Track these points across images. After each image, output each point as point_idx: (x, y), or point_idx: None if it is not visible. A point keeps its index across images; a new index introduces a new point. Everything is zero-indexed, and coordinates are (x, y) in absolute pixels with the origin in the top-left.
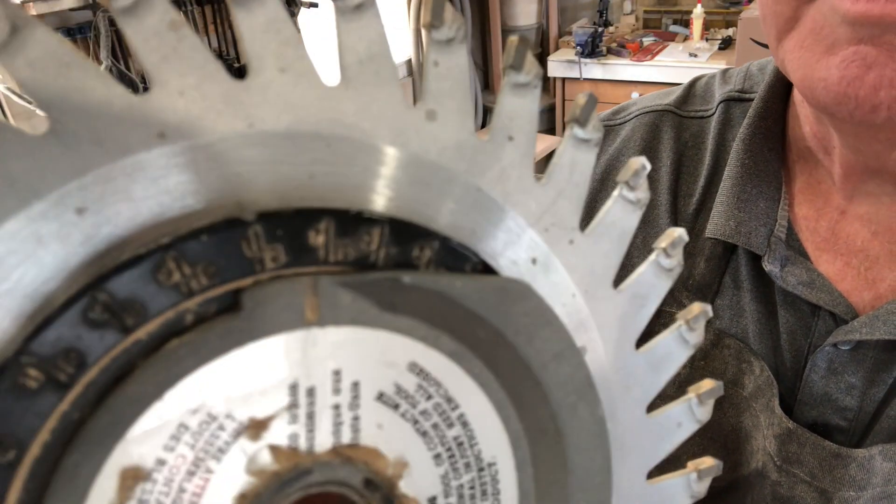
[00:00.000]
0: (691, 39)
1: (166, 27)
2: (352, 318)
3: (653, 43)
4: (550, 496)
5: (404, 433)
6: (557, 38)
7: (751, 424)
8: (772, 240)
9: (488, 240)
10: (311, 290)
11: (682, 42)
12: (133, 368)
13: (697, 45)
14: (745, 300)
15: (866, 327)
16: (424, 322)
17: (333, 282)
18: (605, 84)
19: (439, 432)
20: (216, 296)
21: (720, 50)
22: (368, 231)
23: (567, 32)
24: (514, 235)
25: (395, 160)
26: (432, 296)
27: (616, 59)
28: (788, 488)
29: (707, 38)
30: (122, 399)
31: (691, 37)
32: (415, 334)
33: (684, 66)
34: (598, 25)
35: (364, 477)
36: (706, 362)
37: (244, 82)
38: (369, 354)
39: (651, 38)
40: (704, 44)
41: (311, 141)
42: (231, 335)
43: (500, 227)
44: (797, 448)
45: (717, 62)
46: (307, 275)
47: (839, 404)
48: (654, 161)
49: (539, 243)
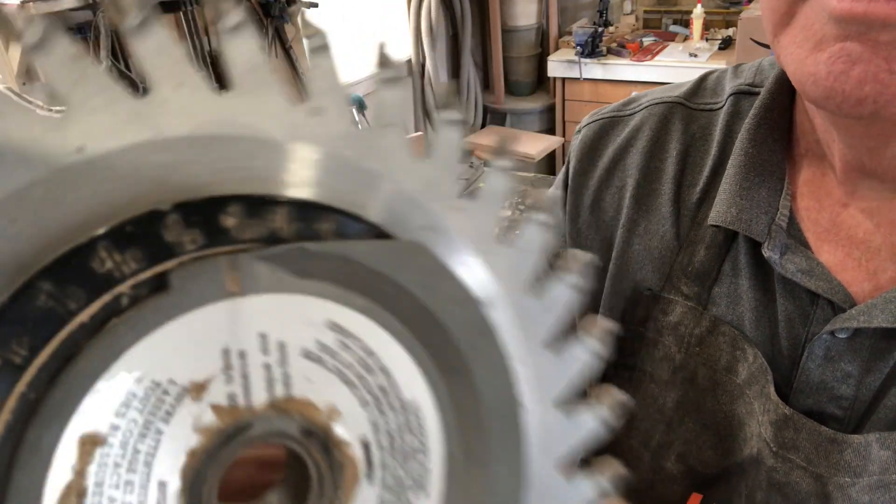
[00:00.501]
0: (691, 39)
1: (70, 59)
2: (269, 287)
3: (653, 43)
4: (469, 426)
5: (332, 384)
6: (557, 38)
7: (744, 411)
8: (773, 228)
9: (381, 212)
10: (230, 265)
11: (682, 42)
12: (80, 348)
13: (697, 45)
14: (742, 288)
15: (864, 315)
16: (335, 284)
17: (250, 257)
18: (605, 84)
19: (363, 381)
20: (147, 278)
21: (720, 50)
22: (273, 211)
23: (567, 32)
24: (403, 206)
25: (290, 151)
26: (339, 260)
27: (616, 59)
28: (784, 474)
29: (707, 38)
30: (73, 375)
31: (691, 37)
32: (328, 295)
33: (684, 66)
34: (598, 25)
35: (301, 426)
36: (701, 349)
37: (147, 98)
38: (290, 317)
39: (651, 38)
40: (704, 44)
41: (212, 142)
42: (163, 310)
43: (389, 200)
44: (793, 434)
45: (716, 62)
46: (225, 253)
47: (835, 393)
48: (661, 152)
49: (427, 212)
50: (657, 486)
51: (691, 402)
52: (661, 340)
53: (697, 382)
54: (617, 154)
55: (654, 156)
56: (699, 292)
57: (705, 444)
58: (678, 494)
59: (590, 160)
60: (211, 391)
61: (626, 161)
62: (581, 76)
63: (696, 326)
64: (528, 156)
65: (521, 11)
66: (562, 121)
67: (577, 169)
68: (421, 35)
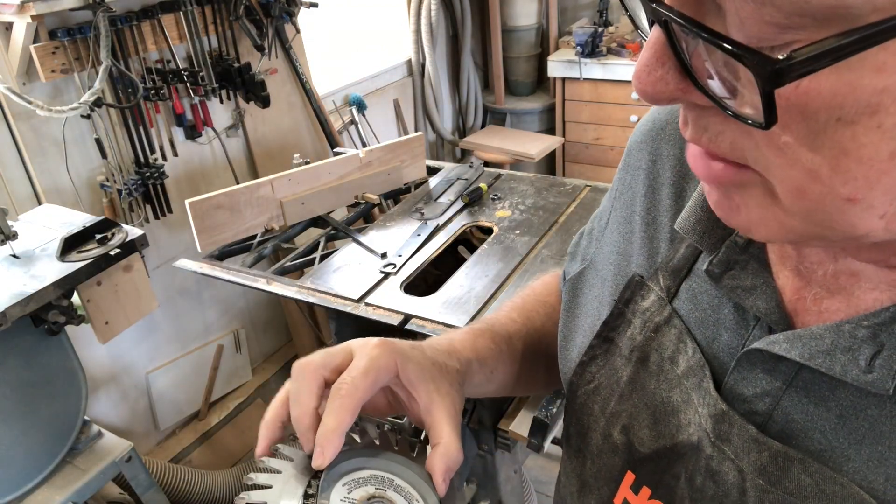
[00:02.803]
0: None
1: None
2: None
3: None
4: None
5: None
6: (557, 38)
7: (680, 400)
8: (726, 243)
9: None
10: None
11: None
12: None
13: None
14: (701, 289)
15: (787, 343)
16: None
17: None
18: (605, 84)
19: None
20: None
21: None
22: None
23: (567, 32)
24: None
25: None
26: None
27: (616, 59)
28: (718, 463)
29: None
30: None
31: None
32: None
33: None
34: (598, 25)
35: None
36: (656, 336)
37: None
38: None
39: None
40: None
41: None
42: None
43: None
44: (727, 428)
45: None
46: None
47: (751, 407)
48: (683, 141)
49: None
50: (604, 455)
51: (640, 381)
52: (633, 321)
53: (647, 365)
54: (656, 133)
55: (675, 145)
56: (670, 286)
57: (644, 423)
58: (617, 468)
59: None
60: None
61: (659, 141)
62: (581, 76)
63: (658, 315)
64: (528, 156)
65: (521, 11)
66: (562, 121)
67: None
68: (421, 35)
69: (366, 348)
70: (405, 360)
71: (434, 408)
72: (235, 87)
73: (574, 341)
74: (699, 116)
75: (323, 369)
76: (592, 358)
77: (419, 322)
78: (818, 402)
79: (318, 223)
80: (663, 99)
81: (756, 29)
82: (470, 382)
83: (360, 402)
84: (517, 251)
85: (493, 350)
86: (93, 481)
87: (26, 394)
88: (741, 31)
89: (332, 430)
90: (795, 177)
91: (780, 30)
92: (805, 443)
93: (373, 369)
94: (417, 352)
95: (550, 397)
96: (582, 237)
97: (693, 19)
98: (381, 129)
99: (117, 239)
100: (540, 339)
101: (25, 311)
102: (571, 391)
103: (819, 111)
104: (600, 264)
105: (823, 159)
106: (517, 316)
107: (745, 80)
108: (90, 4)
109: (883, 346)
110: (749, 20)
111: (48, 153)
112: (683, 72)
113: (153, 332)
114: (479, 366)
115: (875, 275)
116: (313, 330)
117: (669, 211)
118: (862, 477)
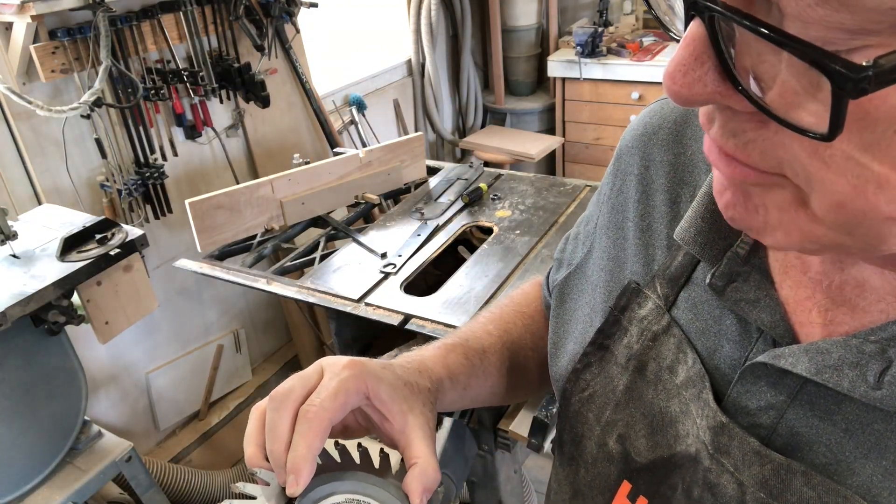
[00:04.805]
0: None
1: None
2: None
3: (653, 43)
4: None
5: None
6: (557, 38)
7: (678, 410)
8: (727, 255)
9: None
10: None
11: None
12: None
13: None
14: (702, 298)
15: (793, 357)
16: None
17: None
18: (605, 84)
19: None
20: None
21: None
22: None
23: (567, 32)
24: None
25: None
26: None
27: (616, 59)
28: (716, 475)
29: None
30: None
31: None
32: None
33: None
34: (598, 25)
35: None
36: (654, 345)
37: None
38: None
39: (651, 38)
40: None
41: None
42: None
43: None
44: (727, 440)
45: None
46: None
47: (755, 420)
48: (677, 147)
49: None
50: (598, 464)
51: (637, 389)
52: (629, 329)
53: (645, 374)
54: (648, 137)
55: (669, 150)
56: (668, 294)
57: (640, 432)
58: (613, 477)
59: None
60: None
61: (651, 147)
62: (581, 76)
63: (656, 323)
64: (528, 156)
65: (521, 11)
66: (561, 120)
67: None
68: (421, 35)
69: (335, 367)
70: (377, 381)
71: (408, 428)
72: (235, 87)
73: (565, 348)
74: (729, 120)
75: (298, 398)
76: (587, 365)
77: (419, 322)
78: (823, 415)
79: (318, 223)
80: (697, 102)
81: (823, 32)
82: (442, 400)
83: (329, 424)
84: (517, 251)
85: (465, 365)
86: (93, 481)
87: (26, 394)
88: (804, 33)
89: (302, 456)
90: (839, 192)
91: (850, 35)
92: (810, 456)
93: (342, 391)
94: (388, 372)
95: (550, 397)
96: (567, 242)
97: (752, 16)
98: (381, 129)
99: (117, 239)
100: (518, 350)
101: (25, 311)
102: (565, 398)
103: (878, 122)
104: (590, 270)
105: (872, 174)
106: (493, 328)
107: (807, 86)
108: (90, 4)
109: (891, 362)
110: (817, 23)
111: (48, 153)
112: (724, 73)
113: (153, 332)
114: (451, 383)
115: (881, 286)
116: (313, 330)
117: (665, 217)
118: (866, 490)
